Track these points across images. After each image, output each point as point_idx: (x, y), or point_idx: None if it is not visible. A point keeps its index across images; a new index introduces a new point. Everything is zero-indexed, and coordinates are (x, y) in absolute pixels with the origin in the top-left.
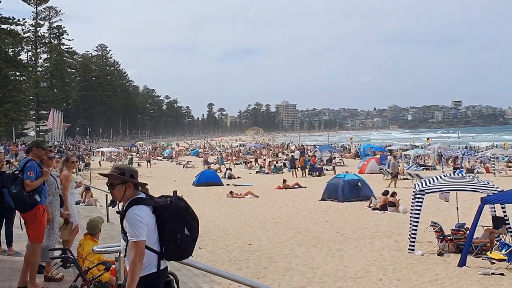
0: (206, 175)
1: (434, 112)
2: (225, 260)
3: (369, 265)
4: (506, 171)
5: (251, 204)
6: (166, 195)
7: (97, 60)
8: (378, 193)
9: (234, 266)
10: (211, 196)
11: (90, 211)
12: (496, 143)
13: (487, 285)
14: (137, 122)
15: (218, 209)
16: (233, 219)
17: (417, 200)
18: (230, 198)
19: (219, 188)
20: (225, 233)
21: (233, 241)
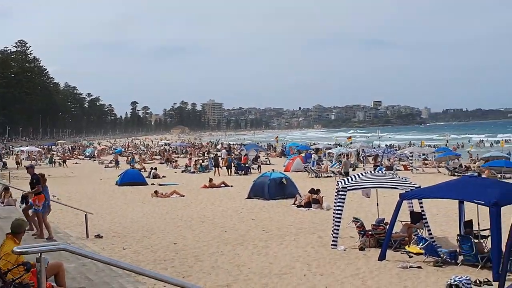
0: (129, 174)
1: (356, 112)
2: (150, 260)
3: (293, 261)
4: (423, 168)
5: (176, 204)
6: None
7: (17, 57)
8: (303, 190)
9: (159, 266)
10: (135, 196)
11: (10, 211)
12: (414, 141)
13: (405, 278)
14: (58, 120)
15: (142, 209)
16: (158, 219)
17: (340, 197)
18: (155, 197)
19: (144, 188)
20: (150, 233)
21: (158, 241)
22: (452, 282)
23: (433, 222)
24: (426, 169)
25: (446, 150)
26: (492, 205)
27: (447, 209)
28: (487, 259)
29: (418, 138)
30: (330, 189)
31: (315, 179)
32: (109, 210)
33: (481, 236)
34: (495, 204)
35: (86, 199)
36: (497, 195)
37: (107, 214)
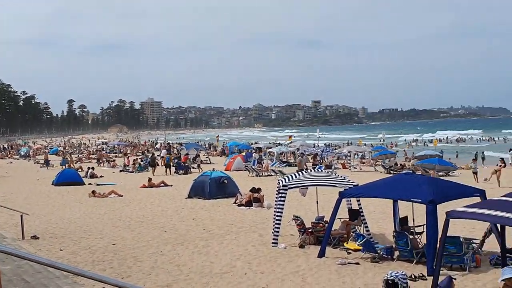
0: (66, 174)
1: (295, 111)
2: (88, 261)
3: (234, 260)
4: (361, 167)
5: (114, 204)
6: None
7: None
8: (244, 189)
9: (97, 267)
10: (72, 196)
11: None
12: (351, 140)
13: (344, 274)
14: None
15: (79, 209)
16: (96, 219)
17: (281, 196)
18: (92, 197)
19: (81, 188)
20: (88, 234)
21: (96, 242)
22: (389, 277)
23: (370, 219)
24: (363, 168)
25: (383, 149)
26: (429, 203)
27: (384, 206)
28: (421, 254)
29: (354, 137)
30: (271, 187)
31: (256, 178)
32: (45, 211)
33: (416, 232)
34: (432, 202)
35: (21, 200)
36: (432, 192)
37: (44, 214)
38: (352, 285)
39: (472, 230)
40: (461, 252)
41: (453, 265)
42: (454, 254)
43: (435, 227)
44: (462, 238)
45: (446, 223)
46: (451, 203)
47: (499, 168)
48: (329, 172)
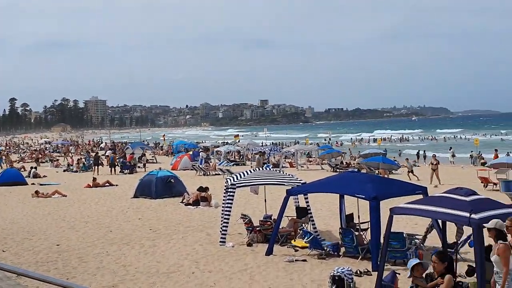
0: (7, 174)
1: (243, 110)
2: (31, 262)
3: (182, 259)
4: (307, 165)
5: (58, 204)
6: None
7: None
8: (191, 189)
9: (41, 268)
10: (14, 196)
11: None
12: (298, 139)
13: (291, 271)
14: None
15: (22, 209)
16: (39, 219)
17: (229, 194)
18: (35, 198)
19: (23, 188)
20: (31, 235)
21: (40, 242)
22: (335, 273)
23: (317, 217)
24: (310, 166)
25: (329, 148)
26: (372, 199)
27: (330, 203)
28: (367, 250)
29: (301, 136)
30: (218, 186)
31: (203, 177)
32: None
33: (361, 229)
34: (375, 198)
35: None
36: (376, 189)
37: None
38: (299, 282)
39: (414, 226)
40: (404, 248)
41: (397, 260)
42: (397, 250)
43: (378, 223)
44: (405, 234)
45: (390, 219)
46: (395, 200)
47: (435, 167)
48: (276, 170)
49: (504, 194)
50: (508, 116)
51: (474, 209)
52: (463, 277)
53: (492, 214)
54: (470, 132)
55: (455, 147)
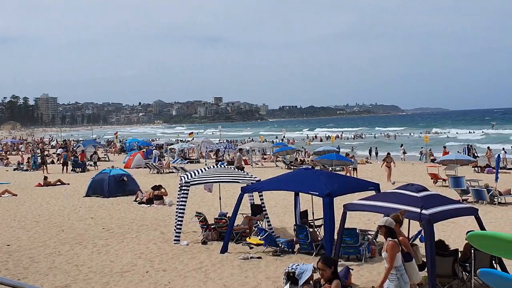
0: None
1: (197, 108)
2: None
3: (135, 258)
4: (262, 163)
5: (8, 203)
6: None
7: None
8: (144, 187)
9: None
10: None
11: None
12: (253, 137)
13: (246, 268)
14: None
15: None
16: None
17: (183, 192)
18: None
19: None
20: None
21: None
22: (290, 270)
23: (272, 214)
24: (265, 163)
25: (283, 145)
26: (326, 196)
27: (285, 201)
28: (320, 246)
29: (256, 133)
30: (172, 185)
31: (157, 175)
32: None
33: (316, 225)
34: (328, 195)
35: None
36: (330, 186)
37: None
38: (254, 279)
39: (367, 222)
40: (358, 243)
41: (350, 256)
42: (351, 245)
43: (332, 219)
44: (358, 230)
45: (343, 216)
46: (348, 197)
47: (389, 164)
48: (231, 168)
49: (453, 190)
50: (456, 113)
51: (424, 204)
52: None
53: (441, 209)
54: (420, 130)
55: (406, 144)
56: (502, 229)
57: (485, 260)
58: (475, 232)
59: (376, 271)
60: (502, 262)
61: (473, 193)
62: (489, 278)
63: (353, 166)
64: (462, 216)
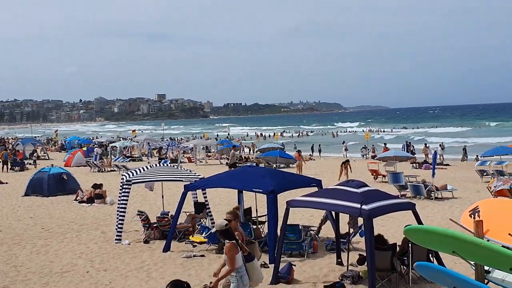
0: None
1: (140, 105)
2: None
3: (76, 258)
4: (206, 160)
5: None
6: None
7: None
8: (85, 186)
9: None
10: None
11: None
12: (197, 134)
13: (189, 267)
14: None
15: None
16: None
17: (124, 191)
18: None
19: None
20: None
21: None
22: None
23: (216, 211)
24: (209, 161)
25: (228, 142)
26: (269, 193)
27: (229, 198)
28: (264, 243)
29: (200, 131)
30: (114, 183)
31: (98, 174)
32: None
33: (259, 222)
34: (272, 192)
35: None
36: (273, 183)
37: None
38: (197, 277)
39: (310, 218)
40: (300, 239)
41: (293, 252)
42: (293, 242)
43: (276, 216)
44: (301, 226)
45: (286, 212)
46: (292, 193)
47: (346, 165)
48: (174, 166)
49: (392, 185)
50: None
51: (364, 200)
52: (354, 265)
53: (380, 204)
54: (363, 127)
55: (348, 141)
56: (439, 223)
57: (422, 254)
58: (412, 226)
59: (318, 266)
60: (438, 256)
61: (411, 188)
62: (425, 271)
63: (296, 163)
64: (400, 211)
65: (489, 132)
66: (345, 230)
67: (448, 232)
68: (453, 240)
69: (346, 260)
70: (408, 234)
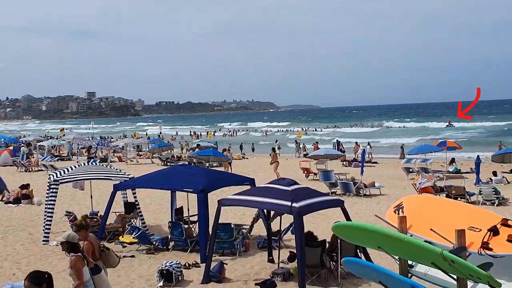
0: None
1: (69, 103)
2: None
3: (1, 260)
4: (137, 159)
5: None
6: None
7: None
8: (11, 186)
9: None
10: None
11: None
12: (127, 133)
13: (118, 268)
14: None
15: None
16: None
17: (52, 191)
18: None
19: None
20: None
21: None
22: (163, 267)
23: (147, 211)
24: (140, 160)
25: (159, 141)
26: (200, 192)
27: (160, 198)
28: (196, 242)
29: (130, 129)
30: (41, 183)
31: (25, 173)
32: None
33: (191, 221)
34: (202, 191)
35: None
36: (204, 182)
37: None
38: (127, 278)
39: (242, 217)
40: (232, 238)
41: (225, 250)
42: (225, 240)
43: (207, 215)
44: (233, 225)
45: (218, 211)
46: (224, 191)
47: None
48: (104, 165)
49: (323, 183)
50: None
51: (295, 198)
52: (285, 263)
53: (310, 202)
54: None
55: (281, 140)
56: (367, 219)
57: (350, 250)
58: (339, 223)
59: (249, 264)
60: (366, 251)
61: (341, 185)
62: (352, 267)
63: (228, 161)
64: (330, 208)
65: (390, 132)
66: (277, 228)
67: (374, 228)
68: (378, 236)
69: (277, 258)
70: (336, 231)
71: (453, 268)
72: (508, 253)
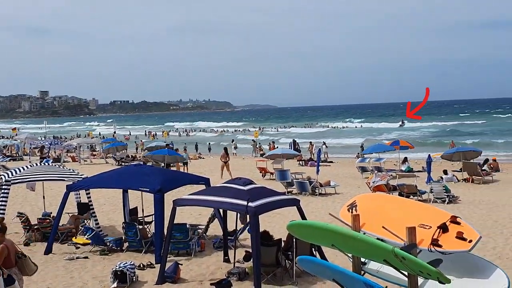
0: None
1: (21, 102)
2: None
3: None
4: (91, 159)
5: None
6: None
7: None
8: None
9: None
10: None
11: None
12: (80, 132)
13: (72, 269)
14: None
15: None
16: None
17: (3, 192)
18: None
19: None
20: None
21: None
22: (117, 268)
23: (100, 212)
24: (94, 160)
25: (113, 141)
26: (156, 192)
27: (114, 198)
28: (150, 243)
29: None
30: None
31: None
32: None
33: (145, 222)
34: (159, 191)
35: None
36: (160, 182)
37: None
38: (80, 279)
39: (198, 217)
40: (187, 238)
41: (180, 251)
42: (180, 241)
43: (162, 215)
44: (188, 225)
45: (173, 211)
46: (180, 191)
47: (225, 159)
48: (57, 165)
49: (279, 182)
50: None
51: (251, 197)
52: (241, 262)
53: (266, 201)
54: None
55: (238, 139)
56: (322, 218)
57: (306, 248)
58: (294, 222)
59: (205, 264)
60: (321, 250)
61: (297, 185)
62: (307, 265)
63: (184, 160)
64: (285, 207)
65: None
66: (233, 228)
67: (327, 227)
68: (332, 234)
69: (233, 257)
70: (291, 230)
71: (404, 264)
72: (457, 249)
